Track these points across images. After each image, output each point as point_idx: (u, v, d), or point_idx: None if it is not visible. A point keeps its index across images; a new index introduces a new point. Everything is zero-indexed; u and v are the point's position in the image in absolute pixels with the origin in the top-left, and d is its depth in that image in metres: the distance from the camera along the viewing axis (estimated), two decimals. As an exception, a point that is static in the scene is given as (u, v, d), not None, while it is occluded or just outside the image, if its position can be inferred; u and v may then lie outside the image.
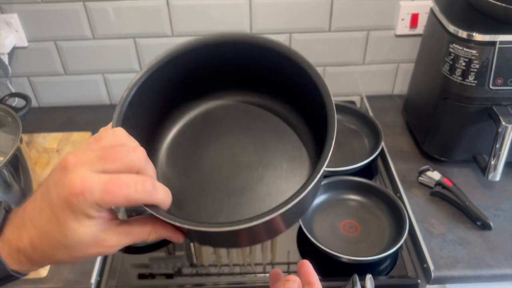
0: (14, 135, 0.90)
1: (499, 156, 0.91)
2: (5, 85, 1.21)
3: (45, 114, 1.25)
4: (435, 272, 0.83)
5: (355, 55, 1.22)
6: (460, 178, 1.01)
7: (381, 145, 1.05)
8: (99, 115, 1.24)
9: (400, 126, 1.19)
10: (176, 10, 1.11)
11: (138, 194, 0.35)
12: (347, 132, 1.16)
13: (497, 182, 0.98)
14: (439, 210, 0.94)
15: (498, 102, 0.91)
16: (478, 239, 0.88)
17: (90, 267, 0.84)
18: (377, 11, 1.14)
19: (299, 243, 0.91)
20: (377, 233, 0.91)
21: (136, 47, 1.17)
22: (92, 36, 1.15)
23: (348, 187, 0.98)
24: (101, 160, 0.36)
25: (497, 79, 0.89)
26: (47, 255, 0.38)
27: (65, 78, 1.23)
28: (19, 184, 0.86)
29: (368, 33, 1.18)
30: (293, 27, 1.15)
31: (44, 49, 1.17)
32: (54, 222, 0.36)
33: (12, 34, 1.12)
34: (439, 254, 0.85)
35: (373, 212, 0.95)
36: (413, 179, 1.02)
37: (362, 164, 1.01)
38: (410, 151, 1.10)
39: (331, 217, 0.94)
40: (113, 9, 1.10)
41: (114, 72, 1.22)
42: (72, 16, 1.11)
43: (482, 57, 0.88)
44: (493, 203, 0.95)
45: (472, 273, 0.83)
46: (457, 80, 0.92)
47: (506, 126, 0.88)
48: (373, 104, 1.26)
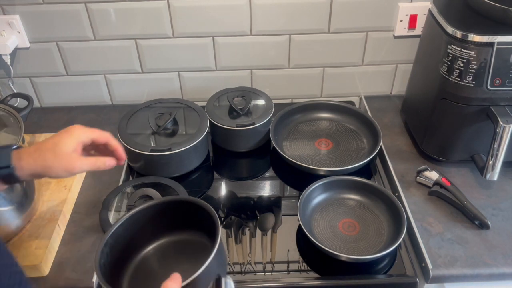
0: (16, 135, 0.90)
1: (497, 156, 0.91)
2: (7, 85, 1.22)
3: (47, 114, 1.26)
4: (434, 271, 0.83)
5: (354, 56, 1.23)
6: (458, 177, 1.01)
7: (379, 145, 1.06)
8: (101, 116, 1.25)
9: (399, 126, 1.19)
10: (176, 11, 1.12)
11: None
12: (346, 132, 1.16)
13: (495, 182, 0.99)
14: (437, 210, 0.95)
15: (496, 103, 0.92)
16: (476, 238, 0.89)
17: (91, 266, 0.85)
18: (376, 12, 1.14)
19: (298, 242, 0.92)
20: (376, 232, 0.92)
21: (137, 48, 1.18)
22: (94, 37, 1.16)
23: (347, 187, 0.99)
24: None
25: (495, 79, 0.90)
26: (44, 160, 0.65)
27: (66, 78, 1.24)
28: (21, 184, 0.87)
29: (367, 34, 1.19)
30: (292, 28, 1.16)
31: (46, 50, 1.18)
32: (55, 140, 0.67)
33: (14, 35, 1.13)
34: (437, 253, 0.86)
35: (372, 212, 0.96)
36: (412, 178, 1.02)
37: (361, 163, 1.01)
38: (408, 151, 1.11)
39: (330, 216, 0.95)
40: (115, 10, 1.11)
41: (116, 73, 1.23)
42: (73, 17, 1.12)
43: (480, 57, 0.89)
44: (491, 202, 0.96)
45: (470, 272, 0.84)
46: (455, 80, 0.93)
47: (504, 126, 0.88)
48: (372, 105, 1.27)
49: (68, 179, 0.99)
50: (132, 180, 1.04)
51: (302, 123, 1.20)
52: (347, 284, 0.84)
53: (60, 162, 0.65)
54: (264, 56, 1.21)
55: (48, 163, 0.64)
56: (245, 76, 1.25)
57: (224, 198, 1.05)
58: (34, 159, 0.64)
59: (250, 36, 1.17)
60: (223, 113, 1.12)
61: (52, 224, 0.89)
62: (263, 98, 1.16)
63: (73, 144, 0.67)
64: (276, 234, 0.95)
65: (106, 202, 0.96)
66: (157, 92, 1.26)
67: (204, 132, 1.05)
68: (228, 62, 1.22)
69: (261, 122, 1.09)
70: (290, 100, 1.30)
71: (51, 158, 0.64)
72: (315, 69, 1.25)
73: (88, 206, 0.98)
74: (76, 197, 1.00)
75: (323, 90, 1.30)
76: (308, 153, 1.11)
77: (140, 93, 1.27)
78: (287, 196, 1.04)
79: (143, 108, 1.12)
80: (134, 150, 0.99)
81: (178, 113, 1.11)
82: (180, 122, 1.10)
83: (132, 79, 1.24)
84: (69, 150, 0.66)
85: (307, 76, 1.26)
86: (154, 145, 1.02)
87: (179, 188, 0.99)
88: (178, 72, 1.24)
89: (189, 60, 1.21)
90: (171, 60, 1.21)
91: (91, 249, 0.88)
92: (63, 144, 0.66)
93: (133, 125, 1.07)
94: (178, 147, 1.00)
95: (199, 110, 1.11)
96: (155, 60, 1.21)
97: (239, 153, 1.14)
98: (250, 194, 1.04)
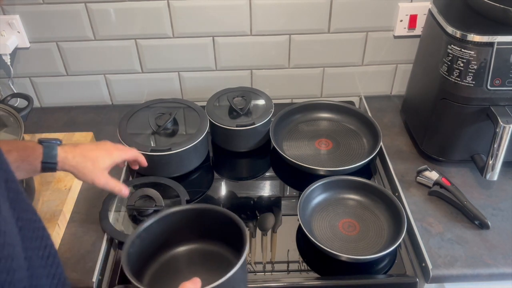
0: (16, 135, 0.90)
1: (497, 156, 0.91)
2: (7, 85, 1.22)
3: (47, 114, 1.26)
4: (434, 271, 0.83)
5: (354, 56, 1.23)
6: (458, 178, 1.01)
7: (379, 145, 1.06)
8: (101, 116, 1.25)
9: (399, 126, 1.19)
10: (176, 11, 1.12)
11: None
12: (346, 132, 1.16)
13: (495, 182, 0.99)
14: (437, 210, 0.95)
15: (496, 103, 0.92)
16: (476, 238, 0.89)
17: (91, 266, 0.85)
18: (376, 12, 1.14)
19: (298, 242, 0.92)
20: (376, 232, 0.92)
21: (137, 48, 1.18)
22: (94, 37, 1.16)
23: (347, 187, 0.99)
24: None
25: (495, 79, 0.90)
26: (83, 159, 0.77)
27: (66, 78, 1.24)
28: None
29: (367, 34, 1.19)
30: (292, 28, 1.16)
31: (46, 50, 1.18)
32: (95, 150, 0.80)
33: (14, 35, 1.13)
34: (437, 253, 0.86)
35: (372, 212, 0.96)
36: (412, 178, 1.02)
37: (361, 163, 1.01)
38: (408, 151, 1.11)
39: (330, 216, 0.95)
40: (114, 10, 1.11)
41: (116, 73, 1.23)
42: (73, 17, 1.12)
43: (480, 57, 0.89)
44: (491, 202, 0.96)
45: (470, 272, 0.84)
46: (455, 80, 0.93)
47: (504, 126, 0.88)
48: (372, 105, 1.27)
49: (68, 179, 0.99)
50: (132, 180, 1.04)
51: (302, 123, 1.20)
52: (347, 284, 0.84)
53: (93, 173, 0.77)
54: (264, 56, 1.21)
55: (84, 171, 0.77)
56: (245, 76, 1.25)
57: (224, 198, 1.05)
58: (77, 162, 0.76)
59: (250, 36, 1.17)
60: (223, 113, 1.12)
61: (52, 224, 0.89)
62: (263, 98, 1.16)
63: (109, 163, 0.80)
64: (276, 234, 0.95)
65: (106, 202, 0.96)
66: (157, 92, 1.26)
67: (204, 132, 1.05)
68: (228, 62, 1.22)
69: (261, 122, 1.09)
70: (290, 100, 1.30)
71: (89, 168, 0.77)
72: (315, 69, 1.25)
73: (88, 206, 0.98)
74: (76, 197, 1.00)
75: (323, 90, 1.30)
76: (308, 153, 1.11)
77: (140, 93, 1.27)
78: (287, 196, 1.04)
79: (143, 108, 1.12)
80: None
81: (178, 113, 1.11)
82: (180, 122, 1.10)
83: (132, 79, 1.24)
84: (104, 167, 0.79)
85: (307, 76, 1.26)
86: (154, 145, 1.02)
87: (179, 188, 0.99)
88: (178, 72, 1.24)
89: (189, 60, 1.21)
90: (171, 60, 1.21)
91: (91, 249, 0.88)
92: (102, 161, 0.79)
93: (133, 125, 1.07)
94: (178, 147, 1.00)
95: (199, 110, 1.11)
96: (155, 60, 1.21)
97: (239, 153, 1.14)
98: (250, 194, 1.04)
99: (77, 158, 0.77)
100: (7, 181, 0.42)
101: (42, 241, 0.47)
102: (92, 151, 0.79)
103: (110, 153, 0.82)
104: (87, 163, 0.77)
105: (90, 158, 0.78)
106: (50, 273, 0.47)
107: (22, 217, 0.43)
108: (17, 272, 0.36)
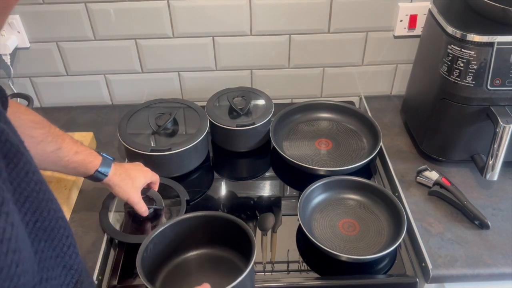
0: (17, 135, 0.90)
1: (497, 156, 0.91)
2: (7, 85, 1.22)
3: (47, 114, 1.25)
4: (434, 271, 0.83)
5: (354, 56, 1.23)
6: (458, 178, 1.01)
7: (379, 145, 1.06)
8: (101, 116, 1.25)
9: (399, 126, 1.19)
10: (176, 11, 1.12)
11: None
12: (346, 132, 1.16)
13: (495, 182, 0.99)
14: (437, 210, 0.95)
15: (496, 103, 0.92)
16: (476, 238, 0.89)
17: (91, 266, 0.85)
18: (376, 12, 1.14)
19: (298, 242, 0.92)
20: (376, 232, 0.92)
21: (137, 48, 1.18)
22: (94, 37, 1.16)
23: (347, 187, 0.99)
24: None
25: (495, 79, 0.90)
26: (124, 178, 0.87)
27: (66, 78, 1.24)
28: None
29: (367, 34, 1.19)
30: (292, 28, 1.16)
31: (46, 50, 1.18)
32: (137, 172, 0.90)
33: (14, 35, 1.13)
34: (437, 253, 0.86)
35: (371, 212, 0.96)
36: (412, 178, 1.02)
37: (361, 163, 1.01)
38: (408, 151, 1.11)
39: (330, 216, 0.95)
40: (114, 10, 1.11)
41: (116, 73, 1.23)
42: (73, 17, 1.12)
43: (480, 58, 0.89)
44: (491, 202, 0.96)
45: (470, 272, 0.84)
46: (455, 80, 0.93)
47: (504, 126, 0.88)
48: (372, 105, 1.27)
49: (68, 179, 0.99)
50: (132, 180, 1.04)
51: (302, 123, 1.20)
52: (347, 284, 0.84)
53: (129, 190, 0.87)
54: (264, 56, 1.21)
55: (123, 187, 0.86)
56: (245, 76, 1.25)
57: (224, 198, 1.05)
58: (121, 179, 0.86)
59: (250, 36, 1.17)
60: (223, 113, 1.12)
61: (52, 224, 0.89)
62: (263, 98, 1.16)
63: (142, 183, 0.90)
64: (276, 234, 0.95)
65: (106, 202, 0.96)
66: (157, 92, 1.26)
67: (204, 132, 1.05)
68: (228, 62, 1.22)
69: (261, 122, 1.09)
70: (290, 100, 1.30)
71: (128, 185, 0.87)
72: (315, 69, 1.25)
73: (88, 206, 0.98)
74: (76, 197, 1.00)
75: (323, 90, 1.30)
76: (308, 153, 1.11)
77: (140, 93, 1.27)
78: (287, 196, 1.04)
79: (143, 108, 1.12)
80: (134, 150, 0.99)
81: (178, 113, 1.11)
82: (180, 122, 1.10)
83: (132, 79, 1.24)
84: (139, 186, 0.89)
85: (307, 76, 1.26)
86: (154, 145, 1.02)
87: (179, 188, 0.99)
88: (178, 72, 1.24)
89: (189, 60, 1.21)
90: (171, 60, 1.21)
91: (91, 249, 0.88)
92: (138, 181, 0.88)
93: (133, 125, 1.07)
94: (178, 147, 1.00)
95: (199, 110, 1.11)
96: (155, 60, 1.21)
97: (239, 153, 1.14)
98: (250, 194, 1.04)
99: (122, 176, 0.86)
100: (29, 172, 0.42)
101: (59, 231, 0.47)
102: (132, 171, 0.89)
103: (145, 174, 0.91)
104: (128, 180, 0.87)
105: (131, 177, 0.87)
106: (67, 264, 0.48)
107: (40, 207, 0.44)
108: (22, 277, 0.35)
